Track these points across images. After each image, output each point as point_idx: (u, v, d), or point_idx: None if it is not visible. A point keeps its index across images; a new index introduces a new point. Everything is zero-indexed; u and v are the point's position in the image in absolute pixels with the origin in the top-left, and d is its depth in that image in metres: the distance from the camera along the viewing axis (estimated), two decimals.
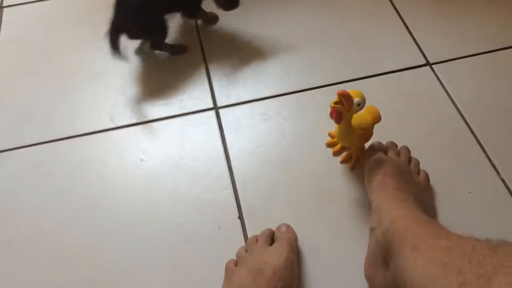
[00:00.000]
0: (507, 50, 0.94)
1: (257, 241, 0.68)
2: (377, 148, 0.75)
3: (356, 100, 0.67)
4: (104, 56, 0.85)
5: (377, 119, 0.73)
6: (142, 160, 0.81)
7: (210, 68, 0.94)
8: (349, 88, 0.69)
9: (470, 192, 0.75)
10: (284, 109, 0.87)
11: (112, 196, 0.78)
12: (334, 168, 0.79)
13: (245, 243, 0.70)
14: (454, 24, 0.99)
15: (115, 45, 0.84)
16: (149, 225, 0.74)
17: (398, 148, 0.77)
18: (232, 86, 0.91)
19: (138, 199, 0.77)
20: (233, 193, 0.77)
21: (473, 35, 0.97)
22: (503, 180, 0.76)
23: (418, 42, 0.96)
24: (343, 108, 0.67)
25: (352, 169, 0.78)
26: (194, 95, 0.90)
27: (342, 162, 0.79)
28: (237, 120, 0.86)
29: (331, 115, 0.69)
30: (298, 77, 0.91)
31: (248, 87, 0.91)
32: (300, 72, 0.92)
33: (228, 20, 1.02)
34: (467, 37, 0.97)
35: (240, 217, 0.74)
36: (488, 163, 0.78)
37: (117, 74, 0.94)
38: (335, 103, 0.67)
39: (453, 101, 0.86)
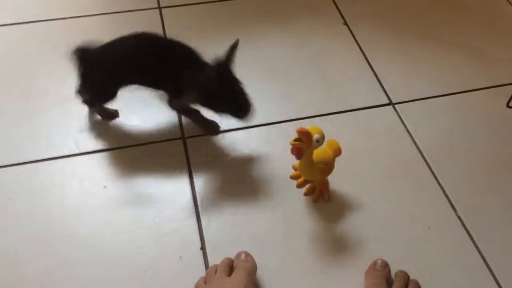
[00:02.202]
0: (464, 93, 0.99)
1: (216, 271, 0.67)
2: (380, 268, 0.70)
3: (315, 136, 0.69)
4: (72, 82, 0.85)
5: (337, 152, 0.75)
6: (105, 187, 0.80)
7: None
8: (315, 123, 0.71)
9: (429, 228, 0.78)
10: (253, 141, 0.89)
11: (72, 223, 0.76)
12: (298, 200, 0.80)
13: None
14: (416, 66, 1.04)
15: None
16: (109, 253, 0.73)
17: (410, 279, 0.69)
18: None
19: (99, 227, 0.75)
20: (196, 224, 0.76)
21: (433, 77, 1.02)
22: (459, 218, 0.79)
23: (382, 82, 1.00)
24: (303, 145, 0.69)
25: (314, 201, 0.80)
26: (163, 123, 0.91)
27: (305, 194, 0.80)
28: (205, 150, 0.87)
29: (292, 151, 0.71)
30: (267, 111, 0.93)
31: (217, 118, 0.92)
32: (269, 106, 0.94)
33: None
34: (428, 79, 1.01)
35: (203, 247, 0.74)
36: (446, 200, 0.81)
37: None
38: (295, 140, 0.68)
39: (413, 140, 0.90)
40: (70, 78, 0.85)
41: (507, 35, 1.13)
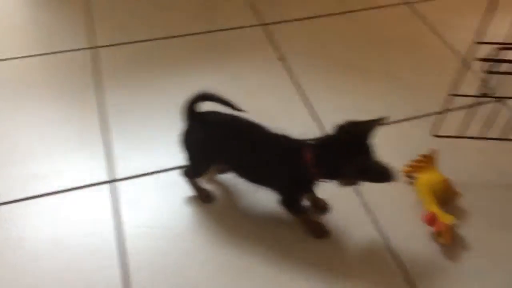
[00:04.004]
0: (392, 124, 0.98)
1: None
2: None
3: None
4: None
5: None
6: (23, 239, 0.76)
7: (111, 138, 0.92)
8: None
9: None
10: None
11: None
12: (234, 239, 0.78)
13: None
14: (348, 98, 1.05)
15: None
16: None
17: None
18: (133, 157, 0.89)
19: (17, 284, 0.70)
20: (124, 274, 0.72)
21: (364, 108, 1.01)
22: None
23: (318, 114, 1.00)
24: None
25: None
26: (89, 166, 0.87)
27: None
28: (135, 194, 0.84)
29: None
30: None
31: (149, 158, 0.89)
32: None
33: (132, 96, 1.02)
34: (359, 110, 1.01)
35: None
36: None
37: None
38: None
39: None
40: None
41: (432, 65, 1.15)
